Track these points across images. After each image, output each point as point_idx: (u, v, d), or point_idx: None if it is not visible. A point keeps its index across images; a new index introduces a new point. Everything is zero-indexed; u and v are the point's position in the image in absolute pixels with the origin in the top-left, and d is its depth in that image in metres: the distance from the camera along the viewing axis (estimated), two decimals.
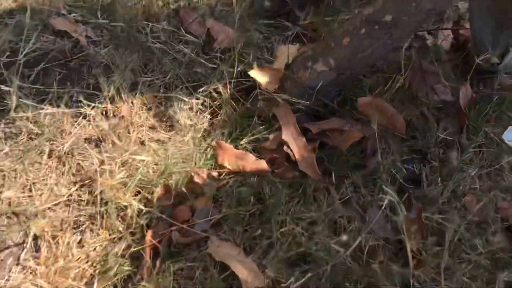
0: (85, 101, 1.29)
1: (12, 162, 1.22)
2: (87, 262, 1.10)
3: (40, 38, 1.40)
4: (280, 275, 1.08)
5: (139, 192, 1.17)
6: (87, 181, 1.21)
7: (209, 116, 1.36)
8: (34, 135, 1.25)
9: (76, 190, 1.20)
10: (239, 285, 1.09)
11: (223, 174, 1.22)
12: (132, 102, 1.33)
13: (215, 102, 1.36)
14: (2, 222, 1.14)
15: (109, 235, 1.13)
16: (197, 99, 1.36)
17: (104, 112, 1.30)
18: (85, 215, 1.17)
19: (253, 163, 1.22)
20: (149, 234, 1.09)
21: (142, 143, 1.27)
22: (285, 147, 1.24)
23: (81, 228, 1.15)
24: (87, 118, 1.28)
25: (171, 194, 1.17)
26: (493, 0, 1.42)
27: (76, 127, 1.27)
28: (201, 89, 1.37)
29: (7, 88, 1.26)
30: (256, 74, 1.34)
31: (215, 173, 1.21)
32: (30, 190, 1.19)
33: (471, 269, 1.20)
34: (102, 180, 1.16)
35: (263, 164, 1.22)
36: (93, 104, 1.30)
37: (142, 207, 1.13)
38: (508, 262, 1.22)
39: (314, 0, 1.58)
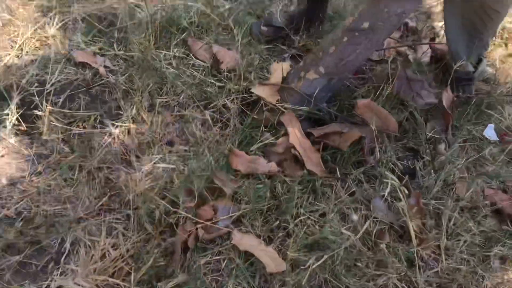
0: (109, 122, 1.43)
1: (46, 179, 1.34)
2: (122, 261, 1.21)
3: (63, 70, 1.55)
4: (299, 259, 1.21)
5: (166, 196, 1.30)
6: (116, 191, 1.34)
7: (220, 129, 1.50)
8: (65, 154, 1.38)
9: (107, 199, 1.32)
10: (262, 272, 1.21)
11: (239, 177, 1.35)
12: (151, 121, 1.47)
13: (225, 116, 1.52)
14: (42, 233, 1.25)
15: (140, 236, 1.25)
16: (209, 115, 1.51)
17: (127, 130, 1.44)
18: (116, 221, 1.29)
19: (265, 165, 1.36)
20: (180, 232, 1.21)
21: (164, 155, 1.40)
22: (292, 150, 1.38)
23: (114, 233, 1.26)
24: (112, 136, 1.42)
25: (194, 196, 1.29)
26: (464, 16, 1.61)
27: (102, 145, 1.40)
28: (211, 105, 1.52)
29: (39, 113, 1.40)
30: (258, 90, 1.50)
31: (232, 176, 1.34)
32: (64, 203, 1.31)
33: (467, 248, 1.33)
34: (131, 187, 1.29)
35: (274, 166, 1.36)
36: (116, 124, 1.44)
37: (170, 207, 1.25)
38: (499, 240, 1.36)
39: (306, 25, 1.77)
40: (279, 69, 1.53)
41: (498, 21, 1.61)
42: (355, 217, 1.23)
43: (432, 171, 1.44)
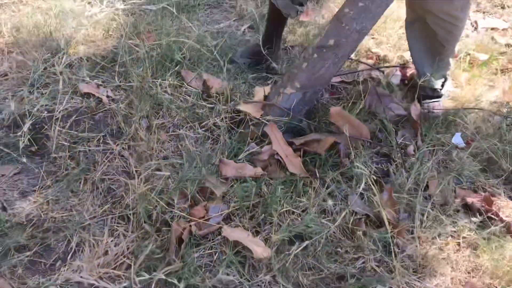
0: (111, 140, 1.60)
1: (55, 192, 1.49)
2: (123, 256, 1.33)
3: (70, 100, 1.74)
4: (283, 246, 1.33)
5: (162, 199, 1.43)
6: (117, 199, 1.48)
7: (211, 145, 1.66)
8: (71, 169, 1.54)
9: (109, 206, 1.46)
10: (250, 262, 1.33)
11: (228, 181, 1.50)
12: (148, 139, 1.63)
13: (215, 133, 1.68)
14: (50, 236, 1.38)
15: (139, 233, 1.38)
16: (200, 133, 1.68)
17: (127, 147, 1.60)
18: (117, 225, 1.42)
19: (251, 170, 1.51)
20: (174, 225, 1.34)
21: (160, 166, 1.55)
22: (275, 155, 1.54)
23: (115, 233, 1.39)
24: (114, 152, 1.58)
25: (187, 198, 1.43)
26: (426, 38, 1.82)
27: (105, 160, 1.56)
28: (203, 124, 1.69)
29: (49, 133, 1.57)
30: (244, 107, 1.68)
31: (222, 180, 1.49)
32: (71, 211, 1.45)
33: (440, 237, 1.45)
34: (130, 191, 1.43)
35: (259, 170, 1.51)
36: (118, 142, 1.60)
37: (166, 207, 1.39)
38: (470, 230, 1.48)
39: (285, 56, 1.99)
40: (261, 91, 1.73)
41: (454, 40, 1.82)
42: (330, 202, 1.37)
43: (403, 171, 1.59)
